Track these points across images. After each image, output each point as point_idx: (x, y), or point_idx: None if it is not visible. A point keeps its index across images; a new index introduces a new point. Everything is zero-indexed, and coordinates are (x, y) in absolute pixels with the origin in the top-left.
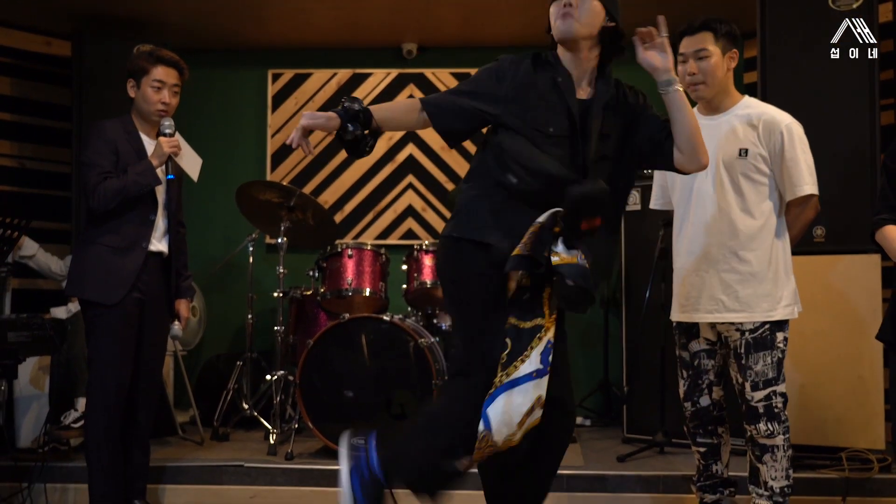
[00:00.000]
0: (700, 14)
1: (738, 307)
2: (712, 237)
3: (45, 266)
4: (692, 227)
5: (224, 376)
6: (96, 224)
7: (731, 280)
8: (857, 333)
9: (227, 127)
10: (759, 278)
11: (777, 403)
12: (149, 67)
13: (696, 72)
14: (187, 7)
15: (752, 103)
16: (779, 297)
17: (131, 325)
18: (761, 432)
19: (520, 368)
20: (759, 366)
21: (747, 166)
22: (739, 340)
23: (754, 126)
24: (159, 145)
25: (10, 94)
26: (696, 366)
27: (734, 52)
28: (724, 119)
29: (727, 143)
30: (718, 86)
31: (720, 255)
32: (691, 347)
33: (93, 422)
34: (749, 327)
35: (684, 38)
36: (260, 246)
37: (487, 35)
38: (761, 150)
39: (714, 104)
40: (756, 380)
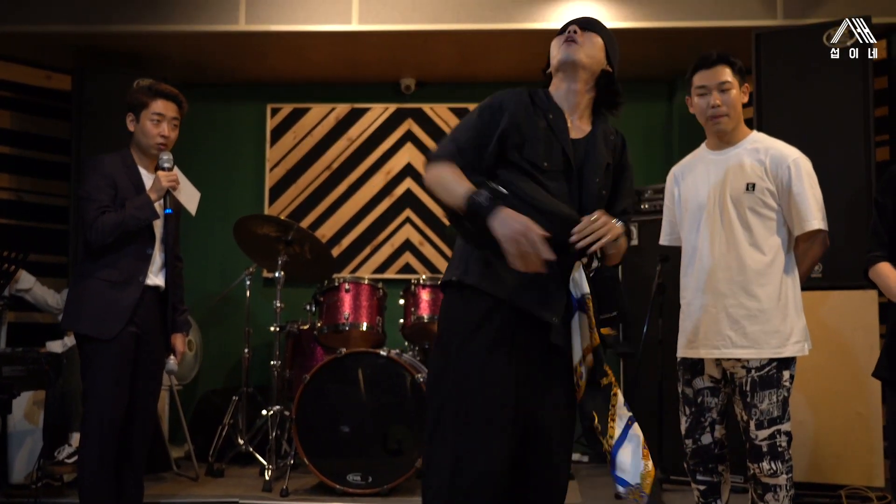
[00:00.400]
0: (696, 51)
1: (745, 343)
2: (720, 272)
3: (42, 299)
4: (700, 262)
5: (220, 411)
6: (93, 258)
7: (739, 316)
8: (855, 370)
9: (225, 160)
10: (768, 314)
11: (781, 442)
12: (148, 101)
13: (720, 104)
14: (187, 42)
15: (760, 138)
16: (788, 334)
17: (127, 360)
18: (764, 471)
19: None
20: (764, 404)
21: (755, 201)
22: (745, 378)
23: (762, 160)
24: (158, 179)
25: (9, 127)
26: (699, 403)
27: (746, 87)
28: (732, 153)
29: (735, 178)
30: (738, 118)
31: (728, 291)
32: (695, 384)
33: (87, 457)
34: (756, 364)
35: (699, 72)
36: (257, 280)
37: (484, 71)
38: (769, 185)
39: (727, 138)
40: (761, 418)
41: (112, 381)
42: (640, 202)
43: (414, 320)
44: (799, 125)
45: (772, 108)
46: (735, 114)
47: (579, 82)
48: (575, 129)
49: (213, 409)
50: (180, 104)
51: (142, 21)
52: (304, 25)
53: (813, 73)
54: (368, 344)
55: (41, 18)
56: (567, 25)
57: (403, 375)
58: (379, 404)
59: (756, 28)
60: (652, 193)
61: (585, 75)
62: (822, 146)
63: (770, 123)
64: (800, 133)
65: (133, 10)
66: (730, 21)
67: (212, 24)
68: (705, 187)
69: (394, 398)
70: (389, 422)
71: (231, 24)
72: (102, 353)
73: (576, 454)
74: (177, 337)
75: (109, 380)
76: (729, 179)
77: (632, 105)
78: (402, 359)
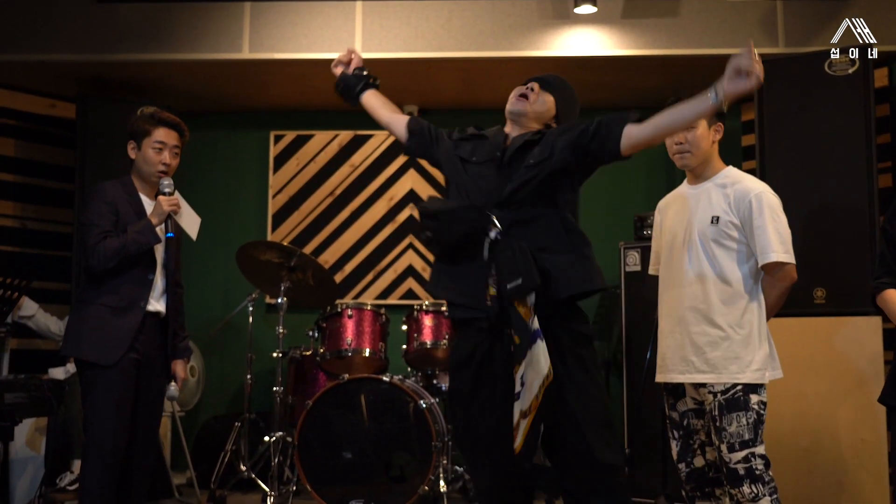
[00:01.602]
0: (698, 79)
1: (706, 368)
2: (686, 301)
3: (44, 326)
4: (670, 291)
5: (222, 437)
6: (95, 284)
7: (702, 342)
8: (860, 396)
9: (228, 187)
10: (729, 341)
11: (758, 465)
12: (150, 129)
13: (683, 141)
14: (191, 71)
15: (731, 173)
16: (748, 361)
17: (128, 386)
18: (746, 496)
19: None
20: (732, 427)
21: (719, 233)
22: (713, 403)
23: (727, 195)
24: (158, 204)
25: (13, 155)
26: (685, 426)
27: (719, 126)
28: (703, 188)
29: (702, 211)
30: (703, 156)
31: (692, 318)
32: (679, 407)
33: (88, 484)
34: (720, 388)
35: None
36: (260, 306)
37: (487, 98)
38: (732, 218)
39: (697, 173)
40: (732, 441)
41: (113, 408)
42: (643, 228)
43: (417, 346)
44: (801, 153)
45: (773, 136)
46: (699, 151)
47: (525, 129)
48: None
49: (215, 436)
50: (182, 132)
51: (145, 50)
52: (308, 53)
53: (815, 100)
54: (371, 370)
55: (45, 48)
56: (529, 80)
57: (406, 401)
58: (382, 431)
59: (758, 55)
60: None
61: (531, 124)
62: (824, 174)
63: (772, 151)
64: (802, 161)
65: (136, 40)
66: (731, 49)
67: (215, 52)
68: (679, 219)
69: (396, 424)
70: (392, 448)
71: (234, 52)
72: (103, 379)
73: None
74: (177, 363)
75: (111, 406)
76: (698, 212)
77: None
78: (404, 385)
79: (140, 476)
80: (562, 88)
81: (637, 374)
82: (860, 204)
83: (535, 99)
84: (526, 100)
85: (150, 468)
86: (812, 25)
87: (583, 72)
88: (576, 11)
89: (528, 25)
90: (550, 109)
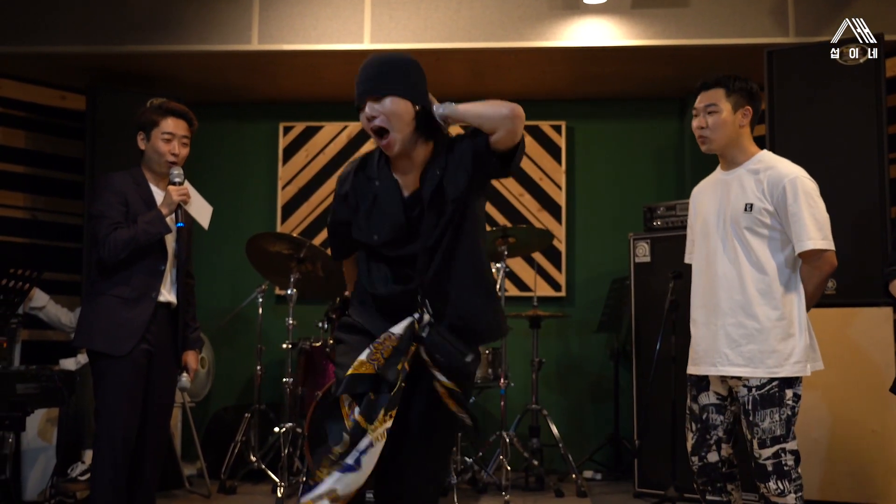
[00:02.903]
0: (708, 70)
1: (741, 362)
2: (722, 291)
3: (55, 318)
4: (704, 281)
5: (232, 428)
6: (106, 275)
7: (737, 335)
8: (871, 387)
9: (237, 179)
10: (766, 334)
11: (787, 461)
12: (158, 120)
13: (704, 125)
14: (200, 62)
15: (765, 157)
16: (787, 354)
17: (139, 377)
18: (771, 491)
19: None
20: (766, 423)
21: (753, 221)
22: (747, 397)
23: (760, 180)
24: (168, 194)
25: (24, 146)
26: (704, 420)
27: (747, 109)
28: (735, 174)
29: (735, 198)
30: (726, 139)
31: (728, 310)
32: (701, 400)
33: (99, 475)
34: (756, 383)
35: (700, 94)
36: (269, 297)
37: (496, 89)
38: (766, 205)
39: (728, 158)
40: (763, 437)
41: (124, 398)
42: (653, 219)
43: None
44: (812, 142)
45: (784, 126)
46: (721, 135)
47: (410, 152)
48: (411, 184)
49: (225, 427)
50: (190, 122)
51: (155, 42)
52: (317, 45)
53: (825, 90)
54: None
55: (56, 40)
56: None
57: None
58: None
59: (768, 45)
60: (664, 211)
61: (404, 141)
62: (835, 163)
63: (783, 140)
64: (813, 150)
65: (146, 31)
66: (742, 39)
67: (224, 44)
68: (713, 207)
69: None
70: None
71: (244, 43)
72: (115, 369)
73: (588, 472)
74: (189, 354)
75: (122, 397)
76: (731, 199)
77: (643, 123)
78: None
79: (151, 466)
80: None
81: (646, 365)
82: (871, 194)
83: (389, 122)
84: (385, 136)
85: (161, 459)
86: (823, 15)
87: (592, 62)
88: (585, 1)
89: (537, 16)
90: (407, 111)
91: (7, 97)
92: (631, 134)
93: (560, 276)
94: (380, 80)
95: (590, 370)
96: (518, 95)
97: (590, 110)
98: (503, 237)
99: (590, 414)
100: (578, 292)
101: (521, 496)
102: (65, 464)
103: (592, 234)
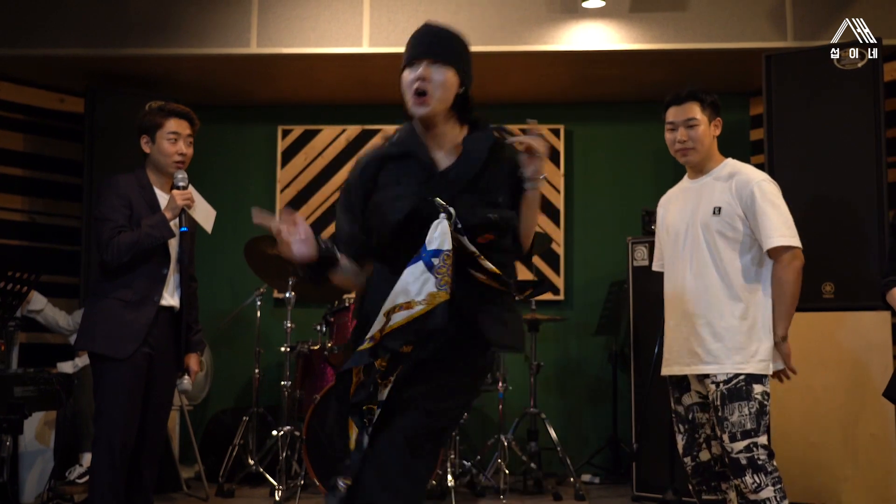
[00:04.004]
0: (706, 73)
1: (709, 359)
2: (689, 293)
3: (53, 321)
4: (674, 285)
5: (230, 431)
6: (109, 278)
7: (705, 333)
8: (868, 391)
9: (236, 182)
10: (733, 332)
11: (760, 455)
12: (162, 121)
13: (686, 139)
14: (199, 65)
15: (731, 164)
16: (752, 352)
17: (140, 380)
18: (748, 486)
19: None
20: (734, 416)
21: (722, 224)
22: (715, 393)
23: (729, 185)
24: (172, 198)
25: (22, 149)
26: (690, 420)
27: (718, 121)
28: (704, 181)
29: (704, 203)
30: (705, 152)
31: (696, 311)
32: (684, 401)
33: (98, 477)
34: (723, 378)
35: (671, 108)
36: (267, 300)
37: (495, 92)
38: (736, 209)
39: (698, 167)
40: (733, 430)
41: (124, 401)
42: (651, 223)
43: None
44: (810, 146)
45: (782, 130)
46: (702, 147)
47: (439, 125)
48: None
49: (223, 430)
50: (192, 122)
51: (153, 45)
52: (315, 48)
53: (824, 94)
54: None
55: (54, 42)
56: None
57: None
58: None
59: (766, 50)
60: None
61: (441, 116)
62: (833, 167)
63: (780, 145)
64: (811, 154)
65: (145, 34)
66: (740, 43)
67: (223, 47)
68: (681, 214)
69: None
70: None
71: (242, 47)
72: (116, 372)
73: (586, 475)
74: (191, 357)
75: (122, 400)
76: (700, 206)
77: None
78: None
79: (148, 469)
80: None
81: (645, 368)
82: (869, 198)
83: (434, 90)
84: (425, 101)
85: (158, 462)
86: (821, 19)
87: (590, 66)
88: (584, 5)
89: (535, 19)
90: (453, 85)
91: (5, 100)
92: (629, 137)
93: (558, 279)
94: (445, 46)
95: (588, 373)
96: (516, 99)
97: (588, 114)
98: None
99: (588, 417)
100: (577, 296)
101: (520, 500)
102: (62, 466)
103: (591, 238)
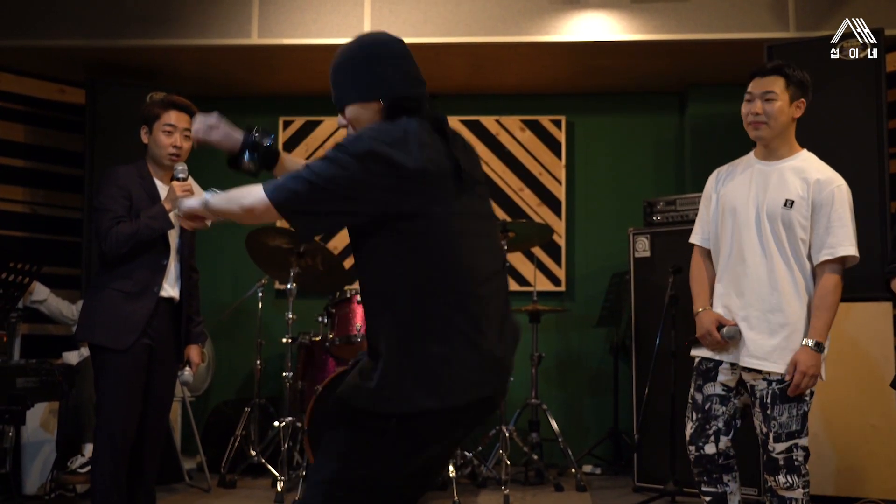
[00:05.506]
0: (708, 64)
1: (763, 355)
2: (752, 282)
3: (56, 311)
4: (733, 269)
5: (232, 422)
6: (108, 269)
7: (763, 329)
8: (870, 381)
9: (237, 173)
10: (791, 330)
11: (798, 457)
12: (160, 112)
13: (760, 112)
14: (199, 56)
15: (810, 158)
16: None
17: (140, 371)
18: (780, 484)
19: None
20: (783, 417)
21: (794, 219)
22: (766, 390)
23: (806, 180)
24: (172, 190)
25: (23, 140)
26: (706, 410)
27: (801, 102)
28: (778, 167)
29: (775, 192)
30: (779, 129)
31: (755, 302)
32: (705, 390)
33: (99, 468)
34: (776, 377)
35: (755, 79)
36: (269, 291)
37: (496, 83)
38: (807, 207)
39: (772, 149)
40: (779, 431)
41: (125, 393)
42: (653, 214)
43: None
44: (811, 137)
45: None
46: (776, 124)
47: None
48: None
49: (225, 421)
50: (192, 115)
51: (154, 35)
52: (316, 39)
53: (825, 85)
54: None
55: (55, 33)
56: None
57: None
58: None
59: (768, 40)
60: (664, 205)
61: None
62: (834, 158)
63: None
64: (812, 145)
65: (146, 25)
66: (742, 33)
67: (224, 38)
68: (745, 195)
69: None
70: None
71: (243, 38)
72: (116, 363)
73: (588, 466)
74: (192, 348)
75: (122, 391)
76: (769, 193)
77: (643, 117)
78: None
79: (150, 460)
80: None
81: (646, 359)
82: (871, 189)
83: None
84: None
85: (160, 453)
86: (823, 9)
87: (592, 57)
88: None
89: (537, 10)
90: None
91: (6, 91)
92: (631, 128)
93: (560, 270)
94: (335, 90)
95: (589, 365)
96: (518, 90)
97: (590, 105)
98: (503, 232)
99: (589, 408)
100: (578, 287)
101: (521, 490)
102: (65, 457)
103: (592, 229)
